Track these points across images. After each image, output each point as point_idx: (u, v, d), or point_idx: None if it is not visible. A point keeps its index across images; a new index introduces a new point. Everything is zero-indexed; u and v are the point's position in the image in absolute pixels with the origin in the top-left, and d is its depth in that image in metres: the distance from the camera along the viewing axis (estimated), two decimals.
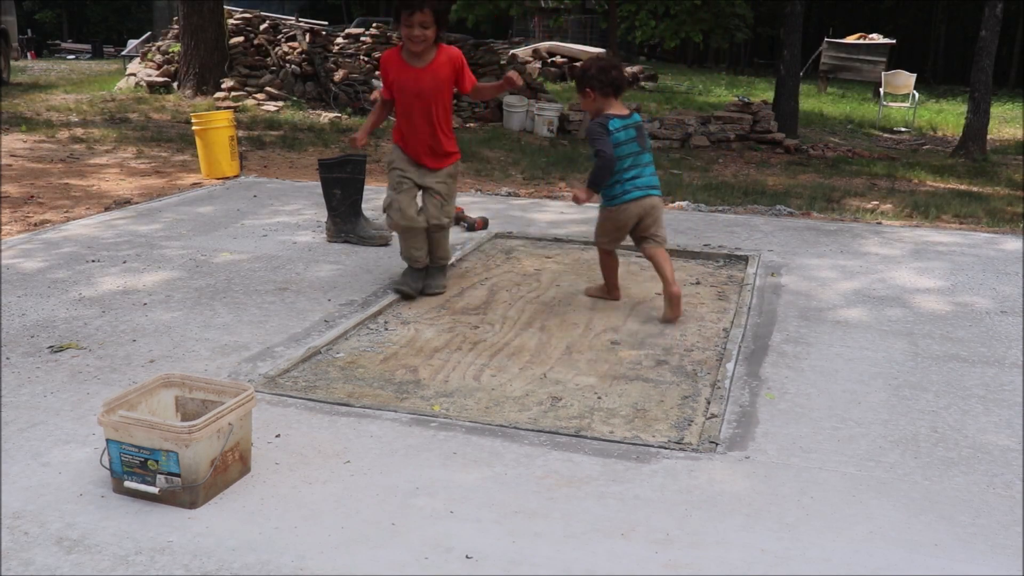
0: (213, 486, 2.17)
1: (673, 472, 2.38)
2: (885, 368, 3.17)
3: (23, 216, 5.38)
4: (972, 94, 10.79)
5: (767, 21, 25.82)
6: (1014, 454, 2.54)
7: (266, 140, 8.93)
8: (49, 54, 30.56)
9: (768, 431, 2.64)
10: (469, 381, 3.02)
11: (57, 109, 10.97)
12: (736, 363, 3.17)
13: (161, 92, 12.42)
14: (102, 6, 40.83)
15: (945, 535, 2.11)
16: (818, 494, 2.28)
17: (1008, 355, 3.33)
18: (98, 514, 2.10)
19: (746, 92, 18.08)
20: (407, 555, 1.97)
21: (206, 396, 2.38)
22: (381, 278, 4.14)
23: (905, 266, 4.59)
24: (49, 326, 3.37)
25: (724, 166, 9.14)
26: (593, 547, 2.02)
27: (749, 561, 1.99)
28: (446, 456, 2.44)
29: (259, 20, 13.19)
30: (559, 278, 4.25)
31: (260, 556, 1.95)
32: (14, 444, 2.43)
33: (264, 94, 11.82)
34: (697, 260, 4.68)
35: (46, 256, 4.33)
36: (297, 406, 2.73)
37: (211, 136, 6.69)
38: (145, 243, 4.64)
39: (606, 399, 2.90)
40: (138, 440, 2.11)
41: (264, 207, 5.65)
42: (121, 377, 2.92)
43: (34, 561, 1.91)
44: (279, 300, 3.77)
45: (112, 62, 22.60)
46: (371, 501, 2.19)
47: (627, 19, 14.96)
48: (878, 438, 2.61)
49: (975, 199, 7.42)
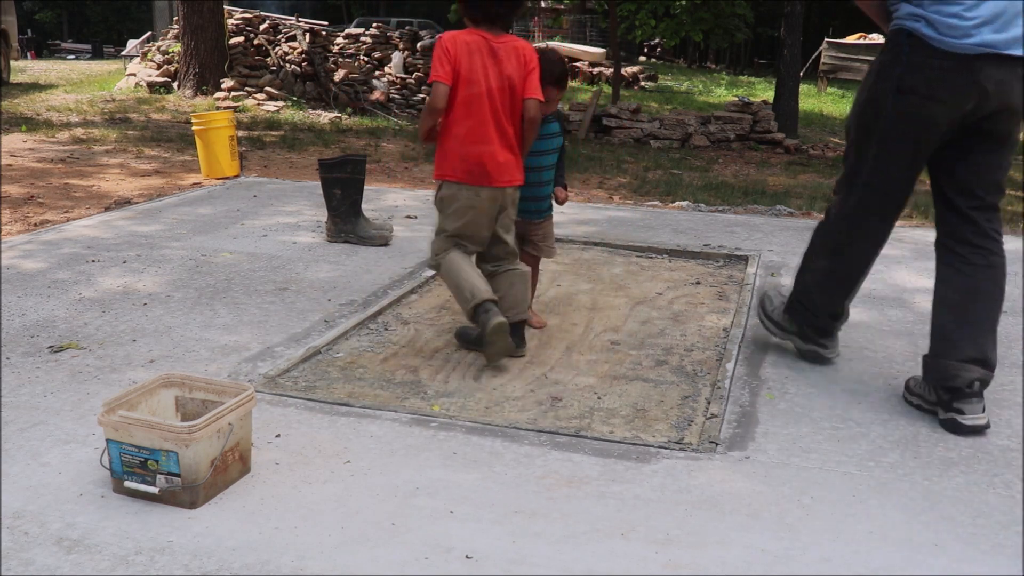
0: (213, 486, 2.17)
1: (673, 472, 2.38)
2: (885, 368, 3.17)
3: (23, 216, 5.39)
4: None
5: (767, 21, 25.81)
6: (1014, 454, 2.54)
7: (266, 140, 8.93)
8: (49, 54, 30.59)
9: (768, 431, 2.64)
10: (469, 381, 3.02)
11: (57, 109, 10.98)
12: (736, 363, 3.17)
13: (161, 92, 12.43)
14: (102, 6, 40.86)
15: (945, 535, 2.11)
16: (818, 494, 2.28)
17: (1008, 355, 3.33)
18: (98, 514, 2.10)
19: (746, 92, 18.09)
20: (407, 555, 1.97)
21: (206, 396, 2.38)
22: (381, 278, 4.14)
23: (905, 266, 4.59)
24: (49, 326, 3.37)
25: (724, 166, 9.14)
26: (593, 547, 2.02)
27: (749, 561, 1.99)
28: (446, 456, 2.44)
29: (259, 20, 13.20)
30: (559, 278, 4.25)
31: (260, 556, 1.95)
32: (14, 444, 2.43)
33: (264, 94, 11.83)
34: (697, 260, 4.69)
35: (46, 256, 4.33)
36: (297, 406, 2.74)
37: (211, 136, 6.69)
38: (145, 243, 4.64)
39: (606, 399, 2.90)
40: (138, 440, 2.11)
41: (264, 207, 5.65)
42: (121, 377, 2.92)
43: (34, 561, 1.91)
44: (279, 300, 3.77)
45: (112, 62, 22.60)
46: (371, 501, 2.19)
47: (627, 19, 14.94)
48: (878, 438, 2.62)
49: None
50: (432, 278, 4.17)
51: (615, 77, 12.77)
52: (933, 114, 2.64)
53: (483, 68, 2.98)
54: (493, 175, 3.02)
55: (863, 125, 2.79)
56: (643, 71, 20.25)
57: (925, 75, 2.59)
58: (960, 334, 2.72)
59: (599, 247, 4.87)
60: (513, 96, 3.02)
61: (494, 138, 3.00)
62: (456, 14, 15.15)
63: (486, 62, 2.98)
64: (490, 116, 2.99)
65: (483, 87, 2.97)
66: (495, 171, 3.02)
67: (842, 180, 2.97)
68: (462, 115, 3.00)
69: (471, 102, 2.98)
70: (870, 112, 2.75)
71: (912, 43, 2.59)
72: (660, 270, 4.48)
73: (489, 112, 2.99)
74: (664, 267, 4.55)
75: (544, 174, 3.38)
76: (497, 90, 2.99)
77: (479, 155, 3.00)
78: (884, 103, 2.69)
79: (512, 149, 3.06)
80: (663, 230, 5.29)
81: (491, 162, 3.01)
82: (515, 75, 3.01)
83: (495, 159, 3.01)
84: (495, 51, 3.00)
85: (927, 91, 2.60)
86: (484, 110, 2.98)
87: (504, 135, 3.03)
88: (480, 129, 2.99)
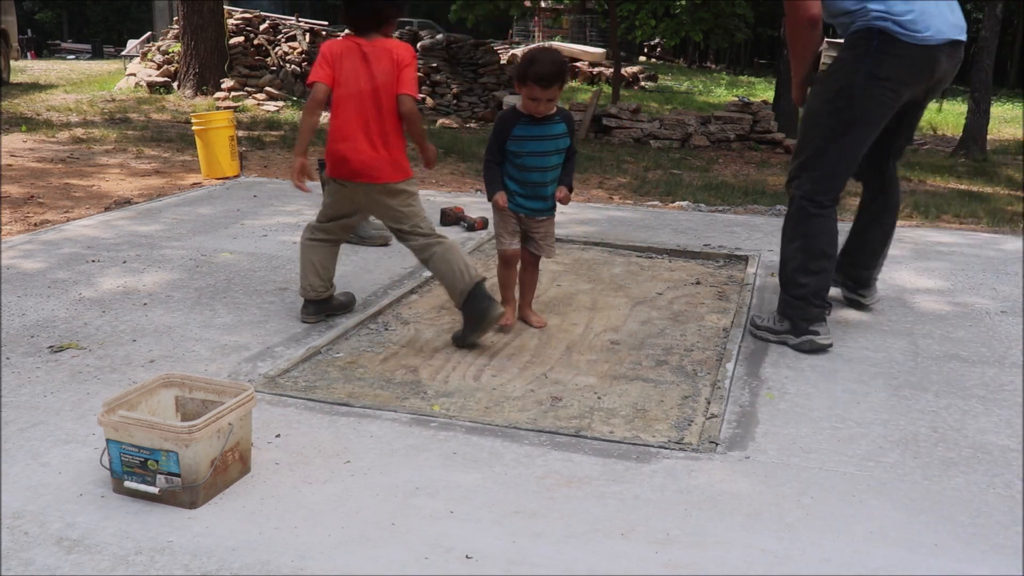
0: (213, 486, 2.17)
1: (673, 472, 2.38)
2: (885, 368, 3.18)
3: (23, 216, 5.39)
4: (972, 94, 10.79)
5: (767, 21, 25.81)
6: (1014, 454, 2.54)
7: (266, 140, 8.93)
8: (49, 54, 30.58)
9: (768, 431, 2.64)
10: (469, 381, 3.02)
11: (57, 109, 10.98)
12: (736, 363, 3.17)
13: (161, 92, 12.43)
14: (102, 6, 40.86)
15: (945, 535, 2.11)
16: (818, 494, 2.28)
17: (1008, 355, 3.33)
18: (98, 514, 2.10)
19: (746, 92, 18.09)
20: (407, 555, 1.97)
21: (206, 396, 2.38)
22: (381, 278, 4.14)
23: (905, 266, 4.59)
24: (49, 326, 3.37)
25: (724, 166, 9.14)
26: (593, 547, 2.02)
27: (749, 561, 1.99)
28: (446, 456, 2.44)
29: (259, 20, 13.20)
30: (559, 278, 4.25)
31: (260, 556, 1.95)
32: (14, 444, 2.43)
33: (264, 94, 11.83)
34: (697, 260, 4.69)
35: (46, 256, 4.33)
36: (297, 406, 2.74)
37: (211, 136, 6.69)
38: (145, 243, 4.64)
39: (606, 399, 2.90)
40: (138, 440, 2.11)
41: (264, 207, 5.65)
42: (121, 377, 2.92)
43: (34, 561, 1.91)
44: (279, 300, 3.77)
45: (112, 62, 22.60)
46: (371, 501, 2.19)
47: (627, 19, 14.93)
48: (878, 438, 2.62)
49: (975, 199, 7.42)
50: (432, 278, 4.18)
51: (615, 77, 12.77)
52: (900, 96, 3.14)
53: (354, 71, 3.19)
54: (355, 171, 3.25)
55: (835, 112, 3.14)
56: (643, 71, 20.25)
57: (897, 63, 3.05)
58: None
59: (599, 247, 4.87)
60: (386, 95, 3.20)
61: (359, 136, 3.20)
62: (456, 14, 15.16)
63: (357, 65, 3.19)
64: (356, 115, 3.20)
65: (353, 88, 3.19)
66: (358, 168, 3.24)
67: (801, 166, 3.29)
68: (334, 114, 3.25)
69: (340, 103, 3.21)
70: (842, 100, 3.12)
71: (883, 38, 3.03)
72: (660, 270, 4.48)
73: (355, 111, 3.20)
74: (664, 267, 4.55)
75: (547, 174, 3.39)
76: (368, 91, 3.19)
77: (343, 152, 3.24)
78: (856, 91, 3.09)
79: (385, 147, 3.23)
80: (663, 230, 5.29)
81: (354, 159, 3.23)
82: (386, 75, 3.18)
83: (358, 156, 3.22)
84: (366, 55, 3.19)
85: (899, 77, 3.08)
86: (350, 110, 3.20)
87: (371, 133, 3.21)
88: (345, 127, 3.22)
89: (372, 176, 3.25)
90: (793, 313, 3.31)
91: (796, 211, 3.31)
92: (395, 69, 3.18)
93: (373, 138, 3.21)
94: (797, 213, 3.31)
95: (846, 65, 3.12)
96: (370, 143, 3.21)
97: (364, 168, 3.24)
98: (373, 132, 3.21)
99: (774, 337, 3.37)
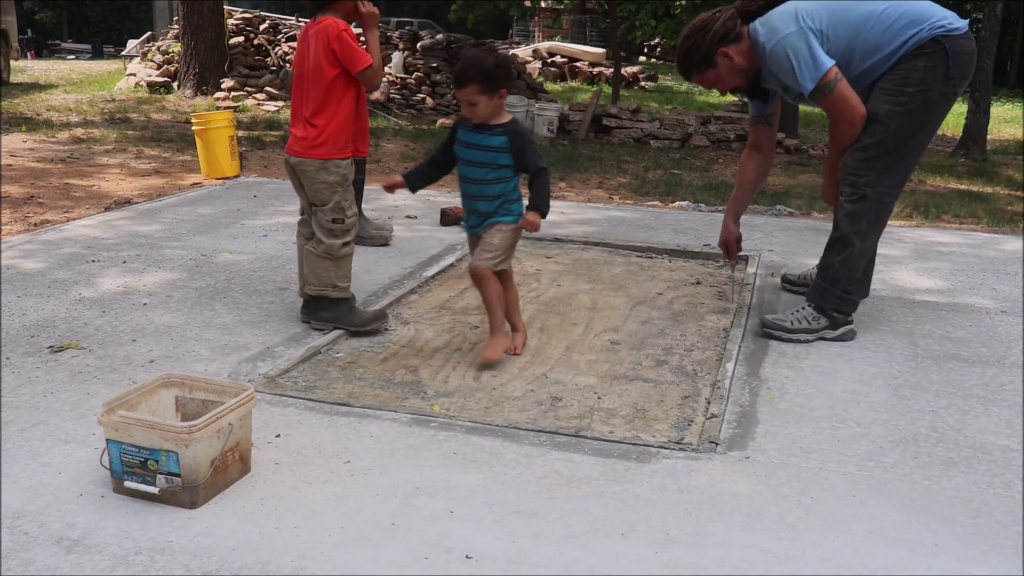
0: (213, 486, 2.17)
1: (673, 472, 2.38)
2: (885, 368, 3.18)
3: (23, 216, 5.39)
4: (972, 94, 10.78)
5: None
6: (1014, 454, 2.54)
7: (266, 140, 8.93)
8: (49, 54, 30.58)
9: (768, 431, 2.64)
10: (469, 381, 3.02)
11: (57, 109, 10.98)
12: (736, 363, 3.17)
13: (161, 92, 12.43)
14: (102, 6, 40.85)
15: (945, 535, 2.11)
16: (818, 494, 2.28)
17: (1008, 355, 3.33)
18: (98, 514, 2.10)
19: None
20: (407, 555, 1.97)
21: (206, 396, 2.38)
22: (381, 278, 4.14)
23: (905, 266, 4.59)
24: (49, 326, 3.37)
25: (724, 166, 9.14)
26: (593, 547, 2.02)
27: (749, 561, 1.99)
28: (446, 456, 2.44)
29: (259, 20, 13.20)
30: (559, 278, 4.25)
31: (260, 556, 1.95)
32: (14, 444, 2.43)
33: (264, 94, 11.83)
34: (697, 260, 4.69)
35: (46, 256, 4.33)
36: (297, 406, 2.74)
37: (211, 136, 6.69)
38: (145, 243, 4.64)
39: (606, 399, 2.90)
40: (138, 440, 2.11)
41: (264, 207, 5.65)
42: (121, 377, 2.92)
43: (34, 561, 1.91)
44: (279, 300, 3.77)
45: (112, 62, 22.60)
46: (371, 501, 2.19)
47: (627, 19, 14.93)
48: (878, 438, 2.62)
49: (975, 199, 7.42)
50: (432, 278, 4.18)
51: (615, 77, 12.77)
52: (960, 92, 3.35)
53: (300, 54, 3.33)
54: (289, 146, 3.38)
55: (908, 112, 3.25)
56: (643, 71, 20.24)
57: (964, 60, 3.25)
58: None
59: (599, 247, 4.87)
60: (318, 75, 3.23)
61: (296, 114, 3.35)
62: (456, 14, 15.15)
63: (302, 48, 3.32)
64: (296, 95, 3.34)
65: (298, 71, 3.34)
66: (291, 143, 3.36)
67: (870, 164, 3.33)
68: None
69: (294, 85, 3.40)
70: (917, 102, 3.25)
71: (950, 42, 3.21)
72: (660, 270, 4.48)
73: (296, 92, 3.35)
74: (664, 267, 4.55)
75: (480, 187, 3.07)
76: (306, 71, 3.28)
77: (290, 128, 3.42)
78: (932, 93, 3.25)
79: (311, 125, 3.28)
80: (663, 230, 5.29)
81: (291, 136, 3.37)
82: (318, 55, 3.22)
83: (293, 134, 3.35)
84: (308, 37, 3.28)
85: (963, 74, 3.28)
86: (293, 90, 3.38)
87: (300, 112, 3.32)
88: (292, 107, 3.39)
89: (293, 151, 3.36)
90: (842, 307, 3.42)
91: (873, 205, 3.35)
92: (326, 49, 3.19)
93: (304, 117, 3.31)
94: (876, 206, 3.36)
95: (918, 70, 3.24)
96: (302, 121, 3.32)
97: (290, 144, 3.38)
98: (304, 110, 3.31)
99: (812, 336, 3.42)
